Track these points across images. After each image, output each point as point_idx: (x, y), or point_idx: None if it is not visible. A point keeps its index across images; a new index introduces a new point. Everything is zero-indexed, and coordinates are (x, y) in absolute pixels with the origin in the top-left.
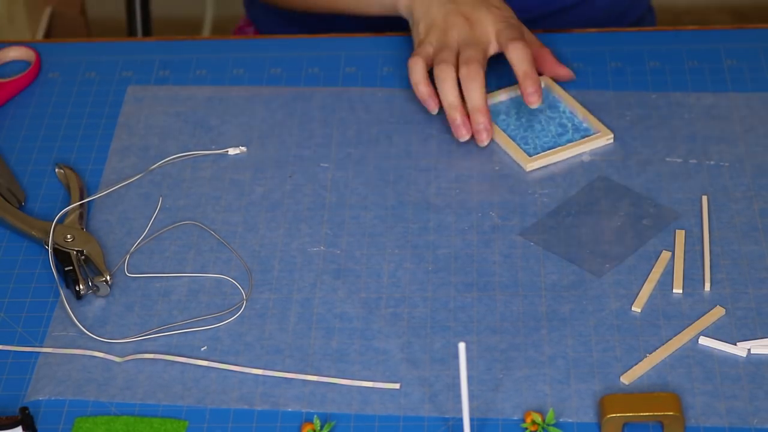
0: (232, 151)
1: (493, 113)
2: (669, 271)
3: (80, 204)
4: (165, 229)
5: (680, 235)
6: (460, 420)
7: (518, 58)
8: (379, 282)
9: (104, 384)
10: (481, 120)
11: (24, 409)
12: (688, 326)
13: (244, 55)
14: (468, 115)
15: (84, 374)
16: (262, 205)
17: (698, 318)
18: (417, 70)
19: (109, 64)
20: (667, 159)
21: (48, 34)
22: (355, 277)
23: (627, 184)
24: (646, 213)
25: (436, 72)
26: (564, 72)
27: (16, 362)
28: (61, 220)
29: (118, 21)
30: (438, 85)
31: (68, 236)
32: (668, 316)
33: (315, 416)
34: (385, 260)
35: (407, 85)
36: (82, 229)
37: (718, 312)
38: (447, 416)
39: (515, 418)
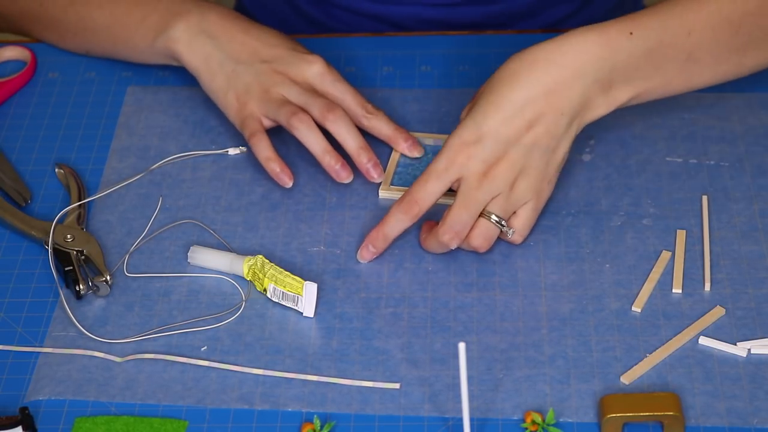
0: (232, 151)
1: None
2: (669, 271)
3: (80, 204)
4: (165, 228)
5: (680, 235)
6: (460, 420)
7: (381, 125)
8: (379, 282)
9: (104, 384)
10: (365, 158)
11: (24, 409)
12: (688, 326)
13: None
14: (344, 158)
15: (84, 374)
16: (262, 205)
17: (698, 318)
18: (262, 145)
19: (109, 64)
20: (667, 159)
21: None
22: (355, 277)
23: (627, 184)
24: (646, 213)
25: (292, 125)
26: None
27: (16, 362)
28: (61, 220)
29: None
30: (301, 138)
31: (68, 236)
32: (668, 316)
33: (315, 416)
34: (385, 260)
35: (407, 85)
36: (82, 229)
37: (718, 312)
38: (447, 416)
39: (515, 418)
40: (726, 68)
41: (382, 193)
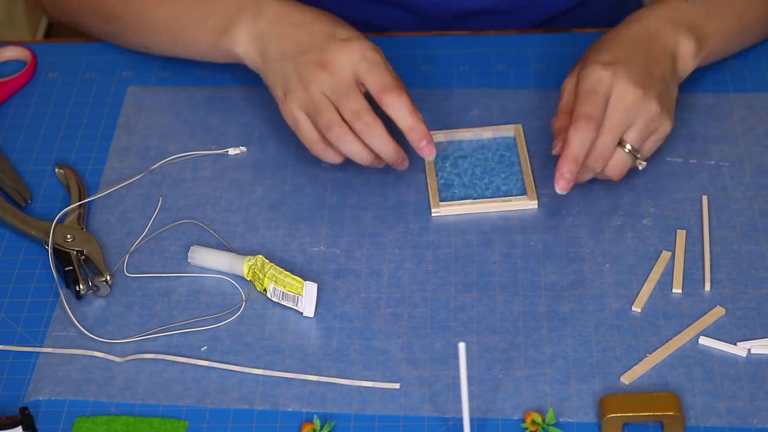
0: (232, 151)
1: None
2: (669, 271)
3: (80, 204)
4: (165, 228)
5: (680, 235)
6: (460, 420)
7: (397, 112)
8: (379, 282)
9: (104, 384)
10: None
11: (24, 409)
12: (688, 326)
13: None
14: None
15: (84, 374)
16: (262, 205)
17: (698, 318)
18: (314, 145)
19: (109, 64)
20: (667, 159)
21: (48, 34)
22: (355, 277)
23: (627, 184)
24: (646, 213)
25: (332, 138)
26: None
27: (16, 362)
28: (61, 220)
29: None
30: (343, 150)
31: (68, 236)
32: (668, 316)
33: (315, 416)
34: (385, 260)
35: (409, 85)
36: (82, 229)
37: (718, 312)
38: (447, 416)
39: (515, 418)
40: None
41: (436, 211)
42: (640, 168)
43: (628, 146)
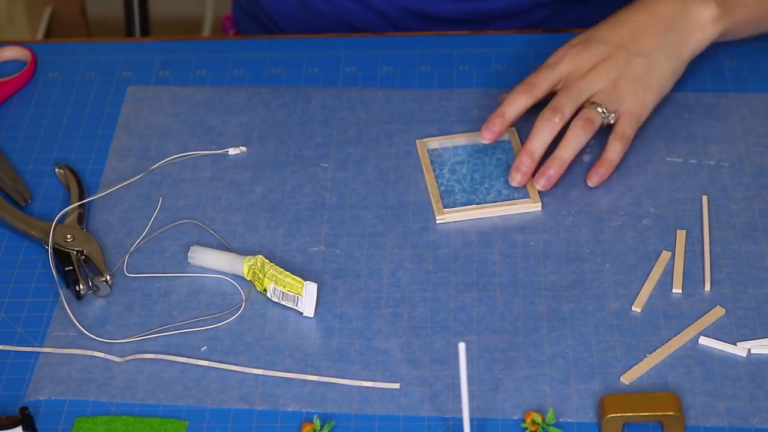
0: (232, 151)
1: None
2: (669, 271)
3: (80, 204)
4: (165, 228)
5: (680, 235)
6: (460, 420)
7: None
8: (379, 282)
9: (104, 384)
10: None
11: (24, 409)
12: (688, 326)
13: (244, 55)
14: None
15: (84, 374)
16: (262, 205)
17: (698, 318)
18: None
19: (109, 64)
20: (667, 159)
21: (48, 34)
22: (355, 277)
23: (627, 184)
24: (646, 213)
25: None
26: None
27: (16, 362)
28: (61, 220)
29: (118, 21)
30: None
31: (68, 236)
32: (668, 316)
33: (315, 416)
34: (385, 260)
35: (407, 85)
36: (82, 229)
37: (718, 312)
38: (447, 416)
39: (515, 418)
40: None
41: (441, 218)
42: (611, 121)
43: (599, 108)
